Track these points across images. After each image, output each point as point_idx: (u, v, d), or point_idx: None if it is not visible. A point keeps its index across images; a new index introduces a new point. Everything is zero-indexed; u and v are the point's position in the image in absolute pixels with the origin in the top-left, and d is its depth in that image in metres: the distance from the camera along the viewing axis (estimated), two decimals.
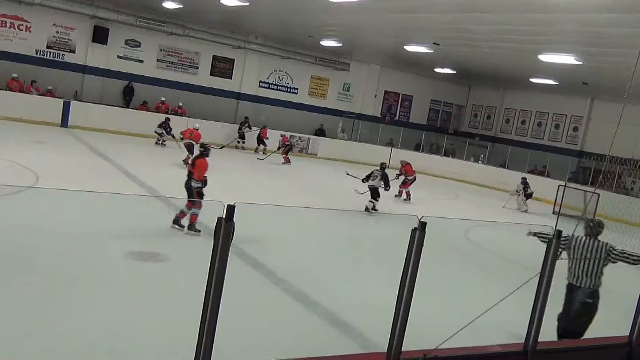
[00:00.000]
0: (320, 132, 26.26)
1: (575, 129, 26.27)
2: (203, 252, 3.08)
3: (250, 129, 23.09)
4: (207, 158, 9.67)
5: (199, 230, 8.83)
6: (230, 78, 24.95)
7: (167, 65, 23.46)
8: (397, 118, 29.57)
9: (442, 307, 6.99)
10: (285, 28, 20.90)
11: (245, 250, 8.00)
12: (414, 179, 17.08)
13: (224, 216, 2.90)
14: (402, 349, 3.59)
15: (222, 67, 24.72)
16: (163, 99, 22.56)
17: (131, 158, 15.43)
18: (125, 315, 5.65)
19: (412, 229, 3.57)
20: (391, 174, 15.04)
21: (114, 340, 5.14)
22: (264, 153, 21.94)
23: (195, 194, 9.13)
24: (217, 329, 3.04)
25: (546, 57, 16.75)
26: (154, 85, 22.99)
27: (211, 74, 24.52)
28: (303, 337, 5.81)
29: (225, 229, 2.89)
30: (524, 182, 18.39)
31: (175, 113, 22.53)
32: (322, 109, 27.26)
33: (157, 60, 23.24)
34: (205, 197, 9.17)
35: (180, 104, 22.77)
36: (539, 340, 4.17)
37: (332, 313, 6.54)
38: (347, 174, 14.87)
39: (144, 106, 22.27)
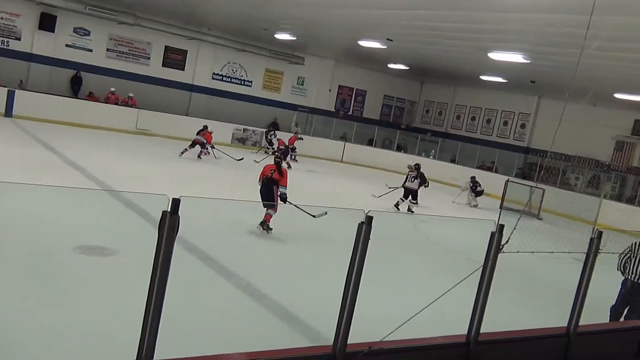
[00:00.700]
0: (274, 126, 26.19)
1: (523, 125, 27.00)
2: (152, 246, 3.05)
3: (275, 136, 22.59)
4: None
5: (272, 229, 9.74)
6: (183, 69, 24.60)
7: (117, 55, 22.94)
8: (350, 113, 29.76)
9: (389, 301, 7.09)
10: (239, 20, 20.71)
11: (195, 245, 7.93)
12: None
13: (169, 210, 2.88)
14: (348, 342, 3.64)
15: (174, 58, 24.35)
16: (113, 89, 22.05)
17: (79, 150, 15.04)
18: (72, 310, 5.54)
19: (359, 223, 3.61)
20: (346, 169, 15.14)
21: (56, 335, 5.03)
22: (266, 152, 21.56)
23: (276, 199, 10.02)
24: (164, 324, 3.02)
25: (496, 55, 17.13)
26: (104, 75, 22.45)
27: (163, 65, 24.11)
28: (252, 330, 5.81)
29: (170, 222, 2.87)
30: (473, 180, 18.81)
31: (126, 104, 22.11)
32: (276, 103, 27.19)
33: (107, 49, 22.70)
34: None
35: (131, 95, 22.31)
36: (481, 331, 4.29)
37: (281, 306, 6.57)
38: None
39: (90, 97, 21.71)
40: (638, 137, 22.57)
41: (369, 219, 3.60)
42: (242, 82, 26.39)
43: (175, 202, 2.89)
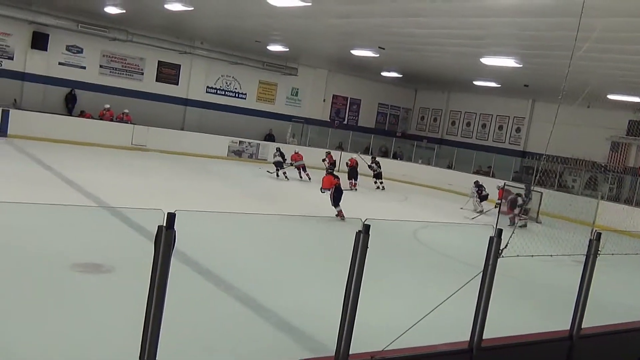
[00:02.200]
0: (270, 138, 26.18)
1: (518, 129, 27.06)
2: (148, 261, 3.03)
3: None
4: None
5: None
6: (177, 84, 24.61)
7: (110, 72, 22.94)
8: (345, 122, 29.78)
9: (390, 309, 7.06)
10: (231, 33, 20.76)
11: (193, 258, 7.88)
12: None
13: (164, 224, 2.86)
14: (350, 352, 3.61)
15: (168, 72, 24.36)
16: (107, 106, 22.01)
17: (74, 167, 15.00)
18: (71, 328, 5.49)
19: (357, 232, 3.59)
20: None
21: (58, 354, 4.98)
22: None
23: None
24: (164, 339, 2.99)
25: (488, 60, 17.17)
26: (98, 92, 22.42)
27: (157, 80, 24.11)
28: (253, 343, 5.77)
29: (165, 237, 2.85)
30: (477, 185, 18.68)
31: (121, 120, 22.07)
32: (271, 114, 27.18)
33: (100, 66, 22.70)
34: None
35: (126, 111, 22.26)
36: (484, 337, 4.26)
37: (281, 318, 6.52)
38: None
39: (83, 115, 21.67)
40: (633, 137, 22.61)
41: (367, 228, 3.58)
42: (237, 95, 26.41)
43: (171, 217, 2.87)
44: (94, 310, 6.05)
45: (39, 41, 20.87)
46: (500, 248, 4.19)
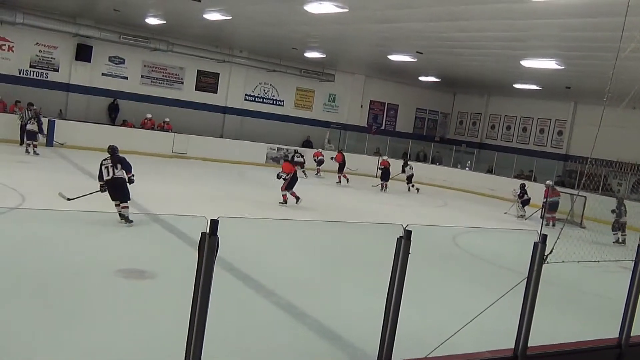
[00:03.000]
0: (307, 144, 26.29)
1: (560, 132, 26.51)
2: (190, 267, 3.07)
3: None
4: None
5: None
6: (216, 92, 24.97)
7: (151, 81, 23.44)
8: (383, 127, 29.69)
9: (431, 315, 6.99)
10: (269, 41, 20.96)
11: (233, 264, 7.96)
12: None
13: (207, 231, 2.90)
14: (392, 358, 3.59)
15: (207, 81, 24.74)
16: (149, 115, 22.49)
17: None
18: (116, 333, 5.60)
19: (398, 238, 3.58)
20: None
21: (104, 356, 5.08)
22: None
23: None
24: (206, 344, 3.02)
25: (528, 63, 16.92)
26: (139, 101, 22.95)
27: (196, 89, 24.52)
28: (293, 349, 5.78)
29: (209, 244, 2.89)
30: (522, 187, 18.31)
31: (162, 129, 22.50)
32: (308, 121, 27.31)
33: (142, 76, 23.22)
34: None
35: (167, 120, 22.72)
36: (529, 344, 4.18)
37: (322, 324, 6.52)
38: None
39: (125, 124, 22.18)
40: None
41: (408, 234, 3.56)
42: (274, 102, 26.63)
43: (214, 223, 2.91)
44: (138, 315, 6.16)
45: (83, 53, 21.48)
46: (545, 254, 4.11)
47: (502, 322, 4.50)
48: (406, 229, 3.55)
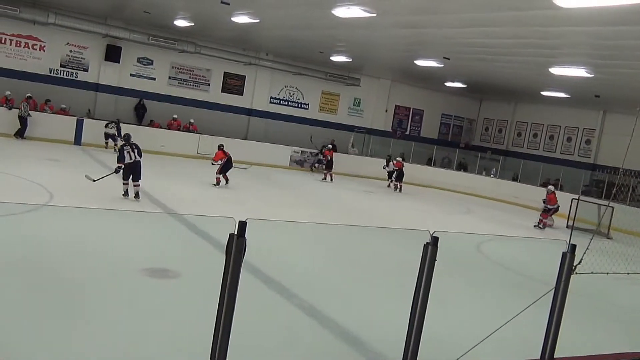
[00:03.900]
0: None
1: (588, 141, 26.13)
2: (213, 268, 3.09)
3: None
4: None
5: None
6: (242, 94, 25.12)
7: (178, 83, 23.67)
8: (408, 132, 29.58)
9: (456, 322, 6.92)
10: (295, 44, 21.03)
11: (256, 266, 7.98)
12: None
13: (235, 232, 2.92)
14: None
15: (233, 83, 24.91)
16: (175, 116, 22.73)
17: (144, 175, 15.47)
18: (140, 331, 5.65)
19: (425, 244, 3.56)
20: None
21: (127, 357, 5.13)
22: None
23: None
24: (230, 345, 3.04)
25: (557, 70, 16.71)
26: (166, 102, 23.20)
27: (222, 91, 24.71)
28: (315, 352, 5.78)
29: (237, 245, 2.90)
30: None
31: (187, 130, 22.71)
32: (333, 124, 27.31)
33: (169, 77, 23.47)
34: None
35: (192, 121, 22.93)
36: (555, 355, 4.13)
37: (344, 328, 6.50)
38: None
39: (152, 125, 22.42)
40: None
41: (435, 240, 3.54)
42: (299, 105, 26.70)
43: (242, 225, 2.92)
44: (163, 314, 6.21)
45: (112, 54, 21.79)
46: (574, 264, 4.05)
47: (527, 331, 4.44)
48: (433, 235, 3.53)
